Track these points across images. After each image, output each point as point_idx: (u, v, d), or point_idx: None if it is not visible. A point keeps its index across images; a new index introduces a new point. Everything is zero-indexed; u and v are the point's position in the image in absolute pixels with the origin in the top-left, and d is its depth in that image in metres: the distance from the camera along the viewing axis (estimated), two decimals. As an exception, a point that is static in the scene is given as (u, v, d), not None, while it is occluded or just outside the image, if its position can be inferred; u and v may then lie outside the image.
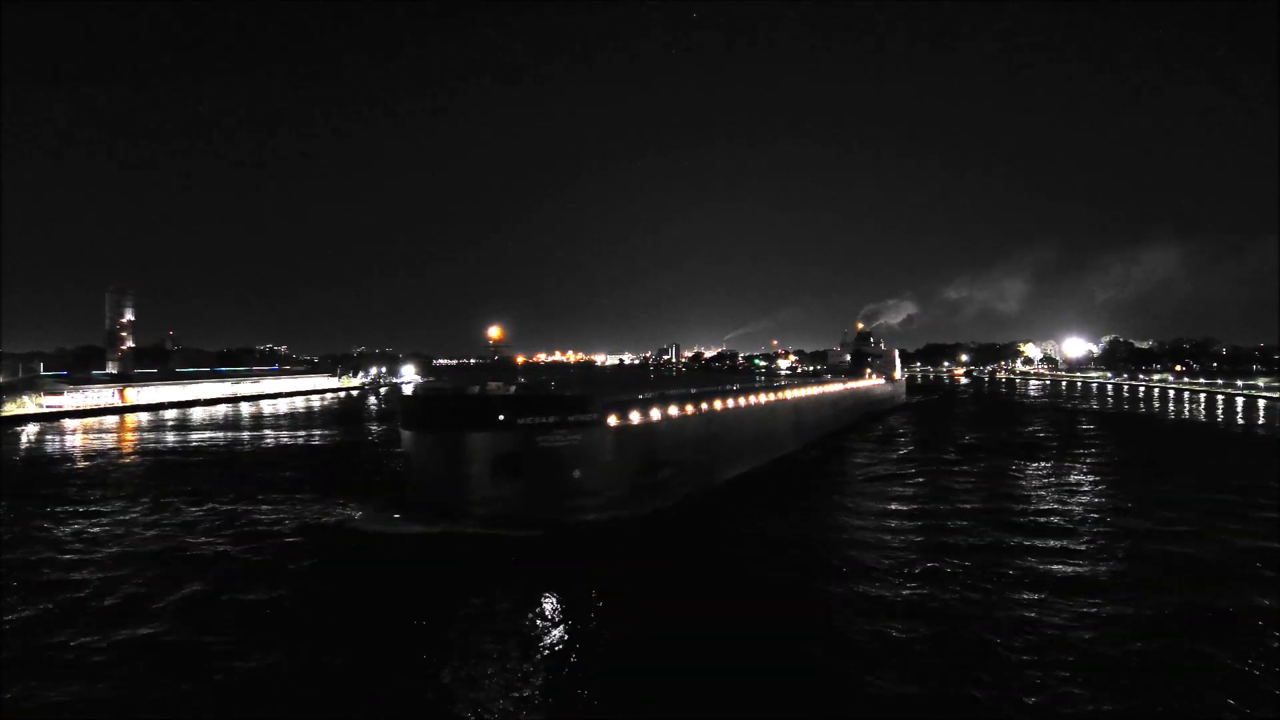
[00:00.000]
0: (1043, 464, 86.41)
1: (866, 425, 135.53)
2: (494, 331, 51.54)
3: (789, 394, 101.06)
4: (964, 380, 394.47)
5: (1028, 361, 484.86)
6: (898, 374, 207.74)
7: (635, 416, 60.53)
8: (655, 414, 63.53)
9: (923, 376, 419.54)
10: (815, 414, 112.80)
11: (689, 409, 70.20)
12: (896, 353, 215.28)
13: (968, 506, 61.45)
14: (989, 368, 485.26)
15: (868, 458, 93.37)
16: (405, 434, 60.03)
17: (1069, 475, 78.39)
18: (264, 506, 62.31)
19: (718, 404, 76.26)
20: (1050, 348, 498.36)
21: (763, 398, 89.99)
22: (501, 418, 54.15)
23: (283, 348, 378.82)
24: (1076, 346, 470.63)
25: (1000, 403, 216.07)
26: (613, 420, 57.79)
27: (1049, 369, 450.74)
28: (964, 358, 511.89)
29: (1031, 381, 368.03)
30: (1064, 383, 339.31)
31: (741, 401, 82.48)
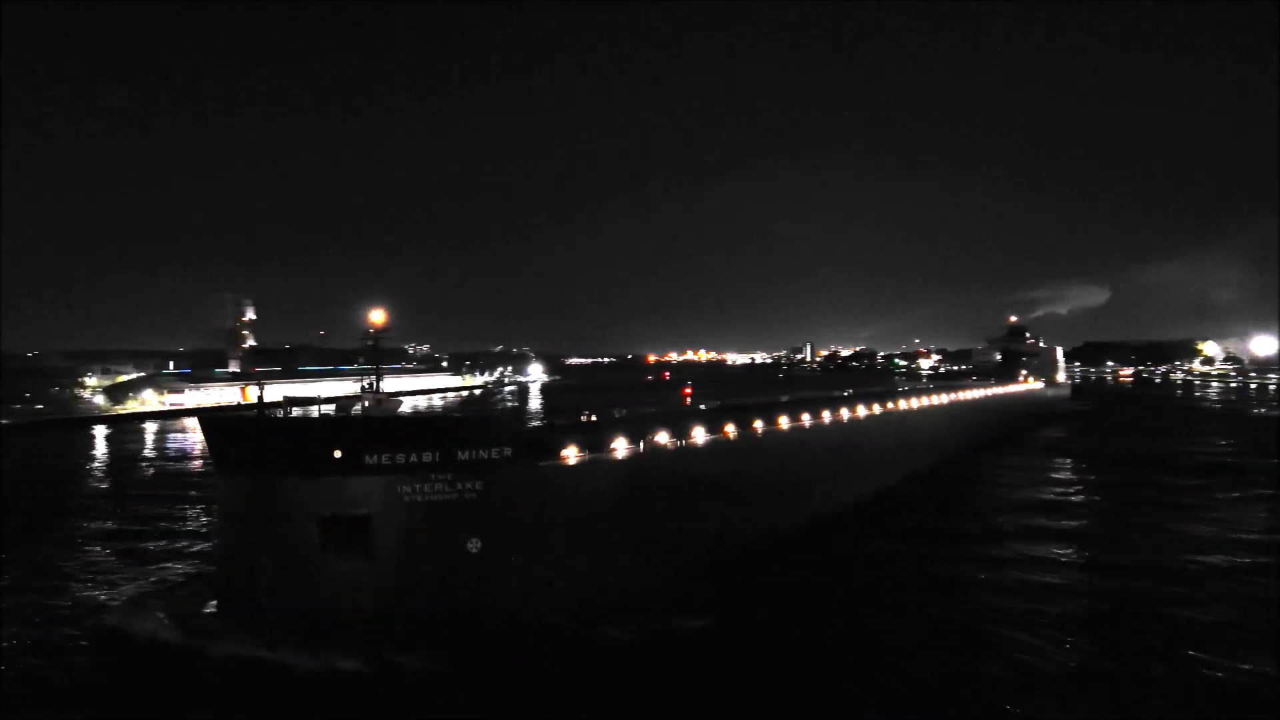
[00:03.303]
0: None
1: (1016, 439, 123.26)
2: (376, 316, 42.13)
3: (904, 404, 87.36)
4: (1131, 382, 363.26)
5: (1207, 361, 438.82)
6: (1060, 376, 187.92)
7: (621, 446, 43.82)
8: (662, 438, 47.42)
9: (1082, 377, 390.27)
10: (930, 431, 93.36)
11: (728, 429, 53.18)
12: (1059, 350, 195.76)
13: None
14: (1161, 368, 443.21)
15: (1006, 489, 79.04)
16: (218, 479, 41.41)
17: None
18: (78, 578, 48.00)
19: (758, 423, 58.11)
20: (1233, 345, 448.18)
21: (863, 410, 75.31)
22: (339, 455, 35.45)
23: (425, 347, 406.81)
24: (1266, 345, 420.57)
25: (1186, 413, 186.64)
26: (573, 453, 41.11)
27: (1234, 369, 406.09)
28: (1130, 357, 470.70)
29: (1213, 384, 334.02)
30: (1253, 385, 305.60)
31: (783, 422, 61.47)
